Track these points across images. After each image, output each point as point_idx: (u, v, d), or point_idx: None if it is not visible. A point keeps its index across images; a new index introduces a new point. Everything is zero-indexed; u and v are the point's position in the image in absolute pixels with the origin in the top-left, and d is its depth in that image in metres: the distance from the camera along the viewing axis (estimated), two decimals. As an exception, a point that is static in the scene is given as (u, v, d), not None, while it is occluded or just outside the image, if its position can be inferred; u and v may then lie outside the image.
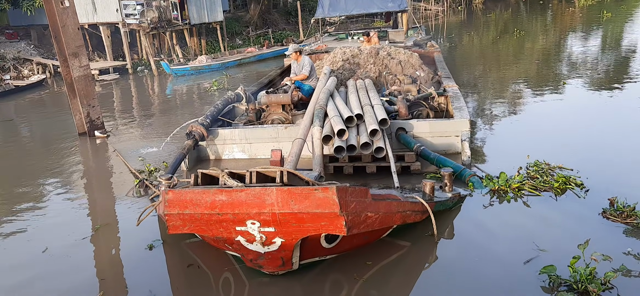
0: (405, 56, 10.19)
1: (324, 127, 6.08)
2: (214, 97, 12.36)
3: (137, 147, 8.10)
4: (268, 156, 6.72)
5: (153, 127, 9.80)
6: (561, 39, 18.29)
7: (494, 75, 12.70)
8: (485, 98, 9.97)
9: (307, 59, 8.87)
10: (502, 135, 7.43)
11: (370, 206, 3.84)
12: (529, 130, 7.51)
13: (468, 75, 12.88)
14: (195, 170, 4.95)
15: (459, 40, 21.11)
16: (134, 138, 8.94)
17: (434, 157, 5.96)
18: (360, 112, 6.33)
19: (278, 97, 7.70)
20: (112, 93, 14.84)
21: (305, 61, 8.78)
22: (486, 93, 10.51)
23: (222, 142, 7.10)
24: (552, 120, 7.92)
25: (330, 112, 6.35)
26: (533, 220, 4.72)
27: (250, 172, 3.84)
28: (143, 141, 8.61)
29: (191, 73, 17.21)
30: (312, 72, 8.71)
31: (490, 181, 5.42)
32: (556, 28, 21.82)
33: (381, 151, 5.82)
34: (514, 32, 20.77)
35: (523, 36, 19.92)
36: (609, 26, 19.91)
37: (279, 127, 7.01)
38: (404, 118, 6.93)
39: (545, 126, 7.63)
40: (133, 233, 4.98)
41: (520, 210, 4.94)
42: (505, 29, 23.29)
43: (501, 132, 7.54)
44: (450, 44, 19.65)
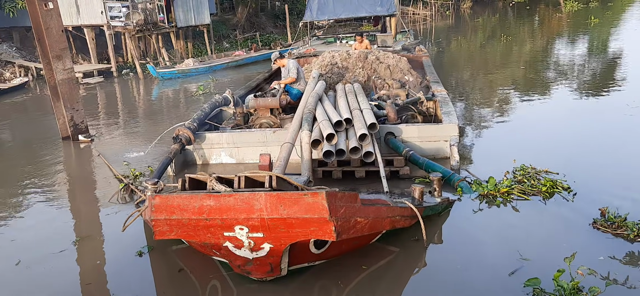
0: (393, 60, 10.24)
1: (313, 131, 6.08)
2: (200, 101, 12.30)
3: (122, 151, 8.03)
4: (256, 160, 6.71)
5: (138, 131, 9.72)
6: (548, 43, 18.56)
7: (481, 79, 12.83)
8: (474, 103, 10.06)
9: (293, 62, 8.89)
10: (490, 139, 7.49)
11: (360, 211, 3.85)
12: (516, 135, 7.58)
13: (456, 79, 12.99)
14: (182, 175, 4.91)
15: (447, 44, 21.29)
16: (119, 142, 8.86)
17: (423, 161, 5.99)
18: (349, 116, 6.35)
19: (266, 100, 7.68)
20: (96, 96, 14.69)
21: (290, 64, 8.80)
22: (474, 97, 10.61)
23: (209, 146, 7.07)
24: (538, 125, 8.01)
25: (319, 116, 6.35)
26: (521, 226, 4.75)
27: (238, 177, 3.83)
28: (128, 145, 8.53)
29: (178, 76, 17.12)
30: (299, 74, 8.73)
31: (479, 186, 5.46)
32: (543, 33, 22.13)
33: (370, 155, 5.83)
34: (501, 37, 21.02)
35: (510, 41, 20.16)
36: (595, 32, 20.24)
37: (268, 131, 7.01)
38: (392, 122, 6.95)
39: (532, 130, 7.71)
40: (118, 240, 4.93)
41: (509, 215, 4.98)
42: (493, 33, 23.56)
43: (489, 137, 7.61)
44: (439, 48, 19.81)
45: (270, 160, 4.91)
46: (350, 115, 6.44)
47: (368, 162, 5.94)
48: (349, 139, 6.05)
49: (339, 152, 5.88)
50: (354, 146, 5.85)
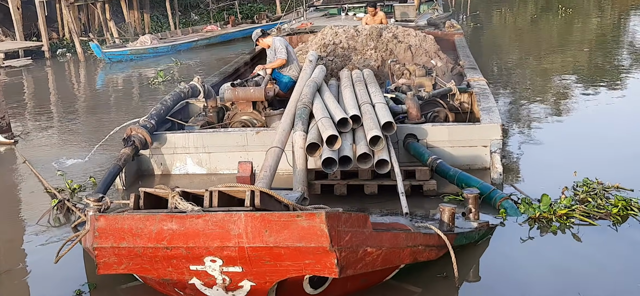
0: (416, 39, 10.28)
1: (309, 132, 6.10)
2: (160, 91, 12.32)
3: (56, 156, 8.04)
4: (233, 170, 6.70)
5: (78, 130, 9.73)
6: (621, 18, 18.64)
7: (532, 65, 12.89)
8: (522, 97, 10.11)
9: (280, 40, 8.93)
10: (544, 144, 7.53)
11: (371, 238, 3.86)
12: (578, 139, 7.64)
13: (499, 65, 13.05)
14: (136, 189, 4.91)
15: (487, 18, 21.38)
16: (52, 145, 8.86)
17: (455, 173, 6.02)
18: (357, 112, 6.37)
19: (247, 91, 7.71)
20: (22, 84, 14.71)
21: (276, 43, 8.87)
22: (522, 89, 10.66)
23: (171, 151, 7.10)
24: (607, 127, 8.06)
25: (317, 113, 6.37)
26: (585, 260, 4.76)
27: (209, 192, 3.84)
28: (64, 149, 8.53)
29: (130, 58, 17.20)
30: (290, 56, 8.77)
31: (528, 206, 5.47)
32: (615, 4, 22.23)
33: (384, 165, 5.85)
34: (559, 10, 21.14)
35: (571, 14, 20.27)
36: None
37: (249, 131, 7.03)
38: (415, 121, 6.99)
39: (598, 134, 7.76)
40: (49, 275, 4.92)
41: (569, 245, 4.99)
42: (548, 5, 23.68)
43: (542, 141, 7.65)
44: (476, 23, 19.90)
45: (253, 170, 4.91)
46: (358, 111, 6.46)
47: (381, 174, 5.95)
48: (356, 143, 6.07)
49: (343, 160, 5.89)
50: (364, 152, 5.86)
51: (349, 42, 10.27)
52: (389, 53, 9.98)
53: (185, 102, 8.39)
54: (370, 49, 10.08)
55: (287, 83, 8.70)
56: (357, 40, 10.30)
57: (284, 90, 8.61)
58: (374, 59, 9.87)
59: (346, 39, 10.36)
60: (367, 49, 10.09)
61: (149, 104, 10.59)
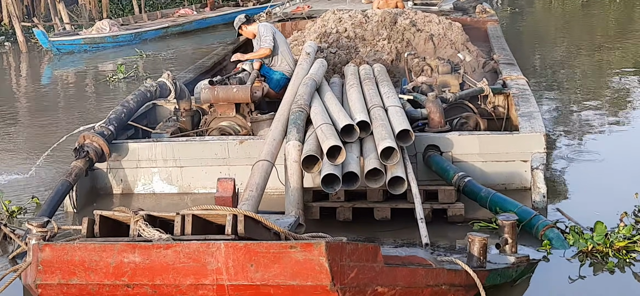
0: (440, 28, 10.30)
1: (306, 142, 6.11)
2: (120, 90, 12.32)
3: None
4: (211, 189, 6.70)
5: (17, 138, 9.72)
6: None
7: (584, 60, 12.92)
8: (570, 99, 10.12)
9: (265, 26, 8.95)
10: (598, 160, 7.54)
11: (382, 275, 3.85)
12: None
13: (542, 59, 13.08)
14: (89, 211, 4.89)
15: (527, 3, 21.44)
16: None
17: (487, 194, 6.01)
18: (365, 118, 6.38)
19: (229, 90, 7.72)
20: (-52, 79, 14.69)
21: (261, 30, 8.88)
22: (571, 90, 10.68)
23: (134, 164, 7.11)
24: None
25: (315, 118, 6.39)
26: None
27: (181, 216, 3.83)
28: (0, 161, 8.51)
29: (84, 48, 17.22)
30: (278, 46, 8.78)
31: (579, 236, 5.46)
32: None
33: (399, 184, 5.85)
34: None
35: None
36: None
37: (231, 140, 7.04)
38: (437, 129, 7.00)
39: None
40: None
41: (629, 285, 4.97)
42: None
43: (596, 155, 7.67)
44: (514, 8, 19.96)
45: (235, 188, 4.90)
46: (366, 116, 6.47)
47: (396, 195, 5.95)
48: (364, 156, 6.07)
49: (348, 177, 5.89)
50: (374, 168, 5.86)
51: (355, 30, 10.28)
52: (406, 44, 9.99)
53: (152, 103, 8.37)
54: (383, 39, 10.09)
55: (279, 81, 8.71)
56: (366, 28, 10.31)
57: (275, 88, 8.62)
58: (386, 52, 9.88)
59: (352, 27, 10.37)
60: (379, 39, 10.10)
61: (107, 106, 10.58)
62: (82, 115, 10.56)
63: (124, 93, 11.60)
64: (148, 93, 7.81)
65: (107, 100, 11.67)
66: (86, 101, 12.16)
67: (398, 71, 9.58)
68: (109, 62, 15.52)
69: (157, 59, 15.60)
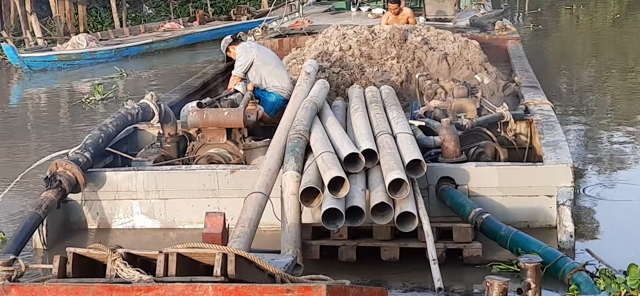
0: (455, 46, 10.33)
1: (305, 172, 6.10)
2: (97, 112, 12.32)
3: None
4: (199, 225, 6.69)
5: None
6: None
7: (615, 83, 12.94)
8: (601, 127, 10.13)
9: (242, 49, 9.07)
10: (631, 195, 7.53)
11: (390, 323, 3.83)
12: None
13: (569, 83, 13.11)
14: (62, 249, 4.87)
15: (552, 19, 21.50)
16: (-54, 184, 8.82)
17: (507, 233, 6.00)
18: (371, 146, 6.39)
19: (220, 114, 7.74)
20: None
21: (237, 53, 9.07)
22: (602, 116, 10.68)
23: (113, 196, 7.11)
24: None
25: (316, 145, 6.40)
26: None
27: (165, 255, 3.81)
28: (-38, 191, 8.50)
29: (58, 66, 17.26)
30: (258, 68, 8.90)
31: (610, 280, 5.44)
32: None
33: (410, 220, 5.84)
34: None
35: (668, 15, 20.37)
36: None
37: (221, 170, 7.05)
38: (452, 159, 7.01)
39: None
40: None
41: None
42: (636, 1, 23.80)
43: (629, 190, 7.67)
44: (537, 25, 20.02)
45: (225, 224, 4.89)
46: (373, 143, 6.49)
47: (405, 233, 5.94)
48: (370, 189, 6.07)
49: (351, 213, 5.88)
50: (381, 202, 5.85)
51: (361, 48, 10.31)
52: (417, 64, 10.01)
53: (133, 127, 8.38)
54: (391, 57, 10.12)
55: (275, 104, 8.72)
56: (373, 45, 10.34)
57: (271, 112, 8.62)
58: (396, 72, 9.90)
59: (358, 44, 10.40)
60: (387, 58, 10.13)
61: (83, 130, 10.58)
62: (54, 140, 10.56)
63: (101, 116, 11.59)
64: (129, 116, 7.80)
65: (83, 123, 11.67)
66: (59, 124, 12.16)
67: (408, 94, 9.59)
68: (86, 81, 15.54)
69: (140, 78, 15.64)
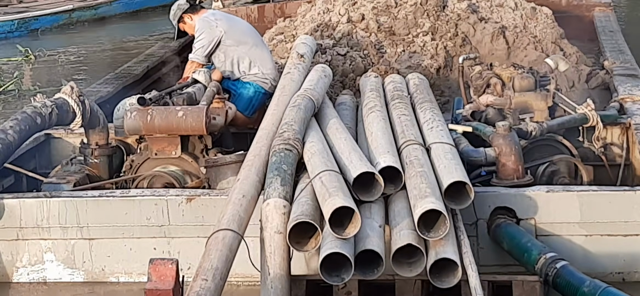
0: (517, 15, 10.34)
1: (296, 200, 6.12)
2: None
3: None
4: (140, 277, 6.71)
5: None
6: None
7: None
8: None
9: (204, 22, 9.06)
10: None
11: None
12: None
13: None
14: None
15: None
16: None
17: (593, 289, 5.98)
18: (394, 162, 6.40)
19: (172, 114, 7.75)
20: None
21: (198, 25, 9.02)
22: None
23: (13, 234, 7.15)
24: None
25: (312, 161, 6.43)
26: None
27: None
28: None
29: None
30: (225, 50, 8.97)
31: None
32: None
33: (449, 271, 5.85)
34: None
35: None
36: None
37: (173, 197, 7.09)
38: (512, 181, 7.02)
39: None
40: None
41: None
42: None
43: None
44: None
45: (178, 276, 4.88)
46: (396, 158, 6.52)
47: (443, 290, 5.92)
48: (392, 225, 6.11)
49: (365, 260, 5.88)
50: (408, 244, 5.84)
51: (379, 19, 10.33)
52: (461, 42, 10.02)
53: (45, 134, 8.38)
54: (424, 33, 10.13)
55: (252, 99, 8.72)
56: (396, 14, 10.35)
57: (247, 111, 8.63)
58: (430, 54, 9.91)
59: (374, 12, 10.40)
60: (418, 34, 10.14)
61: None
62: None
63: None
64: (38, 119, 7.78)
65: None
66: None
67: (448, 86, 9.59)
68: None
69: (54, 62, 15.67)
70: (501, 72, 8.63)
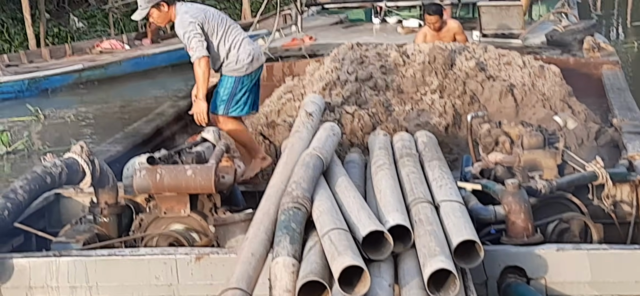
0: (525, 74, 10.32)
1: (305, 258, 6.11)
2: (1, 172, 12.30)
3: None
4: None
5: None
6: None
7: None
8: None
9: (187, 14, 9.03)
10: None
11: None
12: None
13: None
14: None
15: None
16: None
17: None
18: (403, 220, 6.41)
19: (180, 173, 7.76)
20: None
21: (182, 23, 8.99)
22: None
23: (23, 294, 7.11)
24: None
25: (321, 219, 6.42)
26: None
27: None
28: None
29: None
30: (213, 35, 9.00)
31: None
32: None
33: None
34: None
35: None
36: None
37: (182, 255, 7.07)
38: (522, 240, 7.01)
39: None
40: None
41: None
42: None
43: None
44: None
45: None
46: (405, 216, 6.52)
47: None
48: (401, 284, 6.08)
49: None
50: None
51: (388, 77, 10.33)
52: (470, 100, 10.02)
53: (55, 194, 8.38)
54: (432, 91, 10.13)
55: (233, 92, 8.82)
56: (404, 73, 10.36)
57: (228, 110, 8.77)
58: (438, 112, 9.90)
59: (382, 71, 10.42)
60: (426, 92, 10.14)
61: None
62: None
63: (8, 177, 11.61)
64: (48, 178, 7.79)
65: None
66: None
67: (457, 144, 9.58)
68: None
69: (64, 121, 15.67)
70: (510, 130, 8.62)
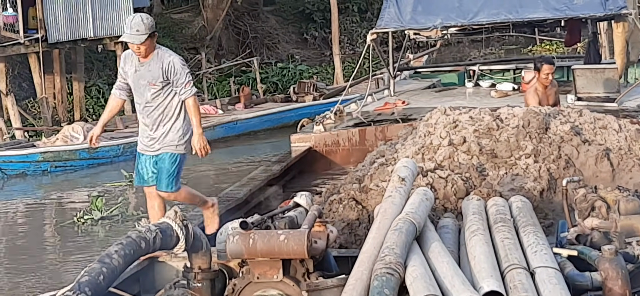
0: (621, 138, 10.20)
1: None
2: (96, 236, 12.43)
3: None
4: None
5: None
6: None
7: None
8: None
9: (178, 60, 9.19)
10: None
11: None
12: None
13: None
14: None
15: None
16: None
17: None
18: (498, 286, 6.37)
19: (273, 238, 7.74)
20: None
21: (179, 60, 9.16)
22: None
23: (118, 359, 7.12)
24: None
25: (414, 285, 6.39)
26: None
27: None
28: None
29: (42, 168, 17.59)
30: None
31: None
32: None
33: None
34: None
35: None
36: None
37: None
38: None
39: None
40: None
41: None
42: None
43: None
44: None
45: None
46: (500, 283, 6.48)
47: None
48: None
49: None
50: None
51: (481, 142, 10.29)
52: (565, 165, 9.92)
53: (149, 258, 8.43)
54: (526, 155, 10.06)
55: None
56: (498, 138, 10.30)
57: None
58: (533, 177, 9.82)
59: (476, 135, 10.38)
60: (520, 156, 10.07)
61: (75, 262, 10.70)
62: (36, 274, 10.69)
63: (102, 241, 11.72)
64: (142, 243, 7.85)
65: (76, 251, 11.80)
66: (43, 252, 12.31)
67: (552, 209, 9.49)
68: (81, 190, 15.78)
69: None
70: (606, 195, 8.52)
